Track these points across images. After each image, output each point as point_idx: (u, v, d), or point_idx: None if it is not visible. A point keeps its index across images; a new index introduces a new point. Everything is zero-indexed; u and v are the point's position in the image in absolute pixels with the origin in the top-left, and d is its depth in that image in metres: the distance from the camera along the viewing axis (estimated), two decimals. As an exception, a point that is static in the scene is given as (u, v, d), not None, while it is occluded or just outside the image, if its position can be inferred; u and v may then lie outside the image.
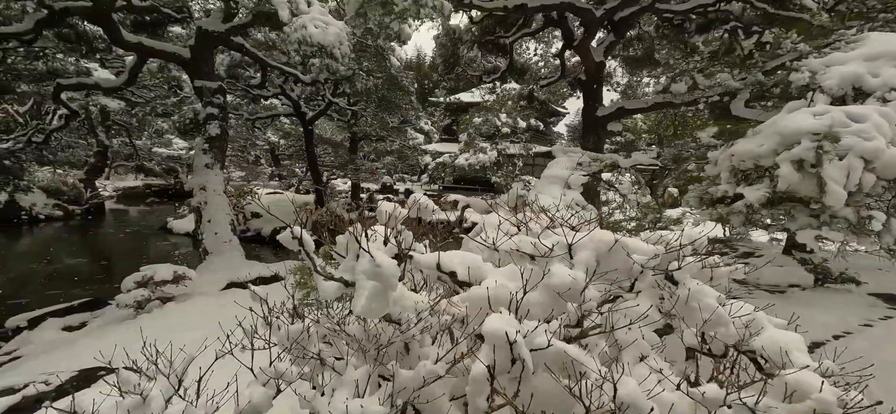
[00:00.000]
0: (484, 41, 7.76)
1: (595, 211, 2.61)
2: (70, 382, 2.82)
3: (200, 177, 7.39)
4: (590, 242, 1.11)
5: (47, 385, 2.74)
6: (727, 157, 2.59)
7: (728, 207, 2.54)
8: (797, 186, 2.17)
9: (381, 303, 1.22)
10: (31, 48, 7.39)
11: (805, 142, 2.22)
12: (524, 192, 3.01)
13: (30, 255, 10.52)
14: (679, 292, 1.11)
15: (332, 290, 1.41)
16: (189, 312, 4.46)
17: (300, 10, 5.41)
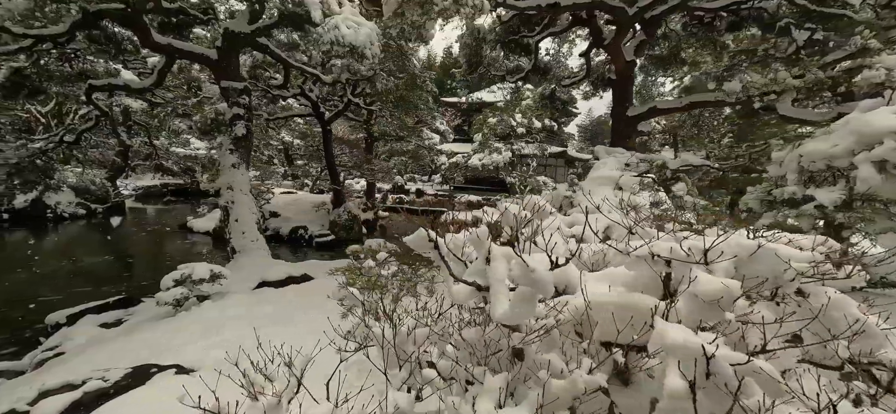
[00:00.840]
0: (507, 41, 7.72)
1: (650, 213, 2.57)
2: (125, 379, 2.86)
3: (227, 176, 7.47)
4: (728, 247, 1.08)
5: (105, 381, 2.78)
6: (795, 158, 2.52)
7: (796, 209, 2.47)
8: (879, 188, 2.11)
9: (527, 309, 1.18)
10: (63, 50, 7.53)
11: (888, 142, 2.14)
12: (570, 194, 2.97)
13: (57, 252, 10.73)
14: (812, 302, 1.07)
15: (464, 293, 1.39)
16: (227, 310, 4.50)
17: (332, 10, 5.43)
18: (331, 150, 13.22)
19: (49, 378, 3.09)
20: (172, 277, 4.63)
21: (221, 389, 2.89)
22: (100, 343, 4.25)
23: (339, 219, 13.16)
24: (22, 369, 4.52)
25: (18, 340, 5.46)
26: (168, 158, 22.29)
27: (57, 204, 14.02)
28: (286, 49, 9.83)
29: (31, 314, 6.25)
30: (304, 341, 3.61)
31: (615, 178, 2.79)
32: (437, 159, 17.43)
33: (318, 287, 5.47)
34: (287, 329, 3.90)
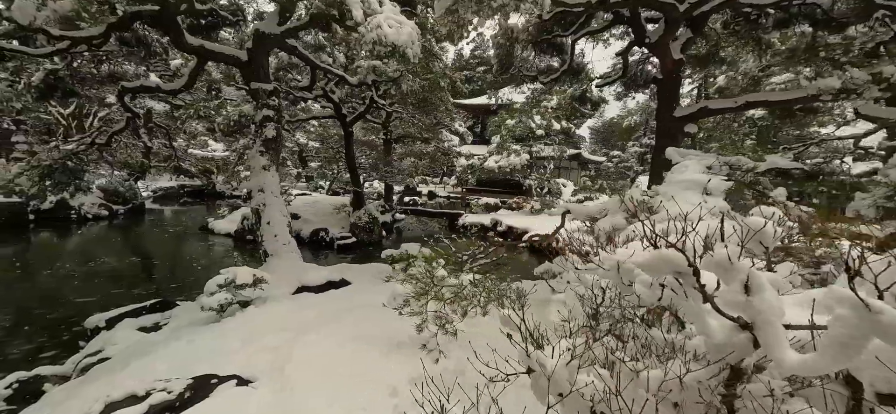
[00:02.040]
0: (539, 41, 7.56)
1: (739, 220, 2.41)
2: (187, 390, 2.76)
3: (258, 178, 7.41)
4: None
5: (169, 393, 2.68)
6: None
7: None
8: None
9: (845, 355, 0.87)
10: (95, 52, 7.53)
11: None
12: (646, 198, 2.82)
13: (84, 253, 10.78)
14: None
15: (724, 332, 1.09)
16: (271, 316, 4.40)
17: (373, 9, 5.33)
18: (352, 153, 13.17)
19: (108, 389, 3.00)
20: (216, 281, 4.54)
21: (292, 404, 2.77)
22: (145, 349, 4.17)
23: (359, 221, 13.09)
24: (65, 374, 4.47)
25: (57, 342, 5.44)
26: (185, 160, 22.50)
27: (80, 205, 14.15)
28: (312, 51, 9.78)
29: (66, 316, 6.23)
30: (356, 350, 3.50)
31: (702, 182, 2.63)
32: (457, 161, 17.29)
33: (357, 292, 5.36)
34: (336, 338, 3.79)
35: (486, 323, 3.01)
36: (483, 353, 3.16)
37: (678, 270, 1.12)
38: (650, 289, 1.22)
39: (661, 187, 2.87)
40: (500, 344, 3.26)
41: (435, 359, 2.52)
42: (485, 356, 3.10)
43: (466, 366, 2.98)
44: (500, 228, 15.26)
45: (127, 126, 7.90)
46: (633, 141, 33.38)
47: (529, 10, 3.70)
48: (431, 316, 2.64)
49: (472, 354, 3.04)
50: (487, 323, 3.06)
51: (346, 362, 3.30)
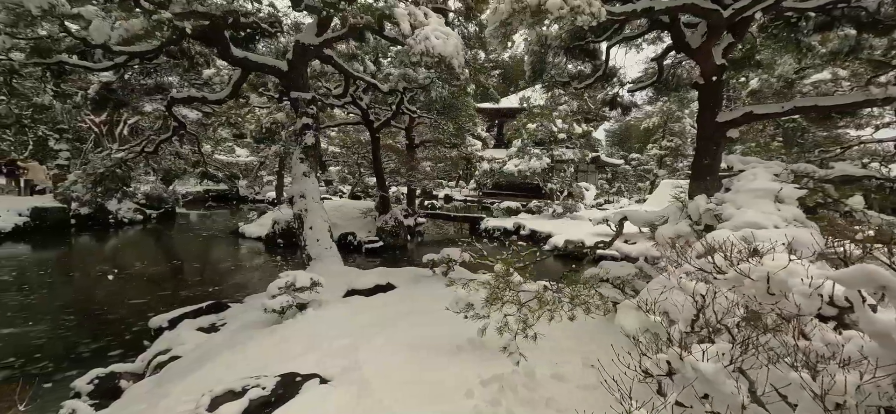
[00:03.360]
0: (572, 47, 7.65)
1: (816, 229, 2.46)
2: (278, 387, 2.93)
3: (299, 185, 7.65)
4: None
5: (263, 389, 2.86)
6: None
7: None
8: None
9: None
10: (144, 65, 7.89)
11: None
12: (712, 206, 2.89)
13: (127, 256, 11.23)
14: None
15: None
16: (329, 319, 4.59)
17: (420, 21, 5.51)
18: (379, 158, 13.41)
19: (201, 385, 3.21)
20: (277, 284, 4.75)
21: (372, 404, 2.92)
22: (215, 349, 4.39)
23: (385, 225, 13.30)
24: (136, 371, 4.73)
25: (122, 341, 5.74)
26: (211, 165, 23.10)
27: (117, 210, 14.69)
28: (345, 60, 10.03)
29: (124, 316, 6.55)
30: (423, 352, 3.63)
31: (773, 190, 2.69)
32: (480, 165, 17.42)
33: (405, 296, 5.52)
34: (400, 340, 3.94)
35: (561, 328, 3.11)
36: (566, 356, 3.26)
37: (883, 284, 1.19)
38: (809, 299, 1.33)
39: (728, 195, 2.94)
40: (583, 349, 3.36)
41: (516, 362, 2.63)
42: (560, 358, 3.19)
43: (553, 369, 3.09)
44: (524, 232, 15.33)
45: (173, 134, 8.24)
46: (651, 143, 33.08)
47: (586, 21, 3.80)
48: (512, 319, 2.76)
49: (554, 358, 3.16)
50: (562, 328, 3.16)
51: (416, 364, 3.45)
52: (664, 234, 3.13)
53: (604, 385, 3.12)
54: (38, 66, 6.36)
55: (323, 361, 3.55)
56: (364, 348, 3.73)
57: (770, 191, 2.73)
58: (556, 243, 13.17)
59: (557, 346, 3.44)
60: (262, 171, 26.04)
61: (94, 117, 17.30)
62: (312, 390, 2.98)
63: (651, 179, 30.14)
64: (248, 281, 9.26)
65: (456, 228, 18.81)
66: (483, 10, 7.96)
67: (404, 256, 12.89)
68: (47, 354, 5.19)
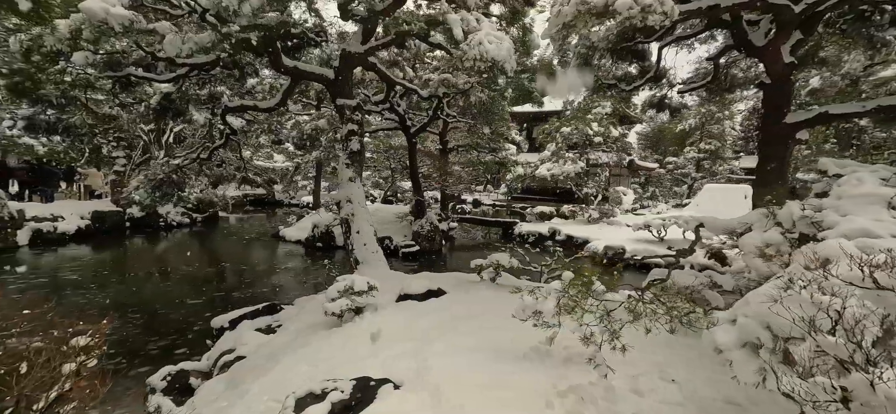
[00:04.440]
0: (619, 48, 7.47)
1: None
2: (356, 391, 2.97)
3: (346, 190, 7.81)
4: None
5: (342, 392, 2.90)
6: None
7: None
8: None
9: None
10: (200, 76, 8.27)
11: None
12: (809, 213, 2.72)
13: (179, 258, 11.77)
14: None
15: None
16: (387, 323, 4.62)
17: (472, 27, 5.52)
18: (415, 163, 13.53)
19: (276, 387, 3.29)
20: (336, 288, 4.84)
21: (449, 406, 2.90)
22: (278, 350, 4.50)
23: (421, 230, 13.38)
24: (203, 369, 4.91)
25: (185, 340, 6.00)
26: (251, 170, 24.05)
27: (167, 213, 15.44)
28: (386, 66, 10.20)
29: (184, 316, 6.85)
30: (491, 359, 3.59)
31: (886, 196, 2.50)
32: (515, 170, 17.29)
33: (458, 301, 5.49)
34: (465, 346, 3.91)
35: (631, 339, 3.00)
36: (640, 369, 3.14)
37: None
38: None
39: (828, 202, 2.75)
40: (656, 362, 3.22)
41: (603, 374, 2.55)
42: (635, 371, 3.06)
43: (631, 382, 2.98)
44: (559, 238, 15.06)
45: (225, 142, 8.60)
46: (688, 146, 31.89)
47: (657, 21, 3.69)
48: (596, 330, 2.69)
49: (628, 371, 3.06)
50: (632, 339, 3.04)
51: (484, 371, 3.41)
52: (751, 243, 2.97)
53: (691, 402, 2.99)
54: (109, 78, 6.78)
55: (390, 365, 3.57)
56: (428, 354, 3.73)
57: (882, 197, 2.53)
58: (595, 249, 12.86)
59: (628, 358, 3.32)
60: (297, 175, 26.83)
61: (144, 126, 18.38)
62: (388, 396, 3.00)
63: (689, 184, 29.03)
64: (293, 283, 9.52)
65: (484, 232, 18.73)
66: (527, 12, 7.90)
67: (440, 260, 12.93)
68: (120, 351, 5.48)
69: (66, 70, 5.89)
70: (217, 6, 4.87)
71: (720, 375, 2.99)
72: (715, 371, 3.01)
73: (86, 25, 4.71)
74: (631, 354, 2.62)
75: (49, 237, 11.82)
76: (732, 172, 29.83)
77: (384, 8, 7.18)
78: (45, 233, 11.74)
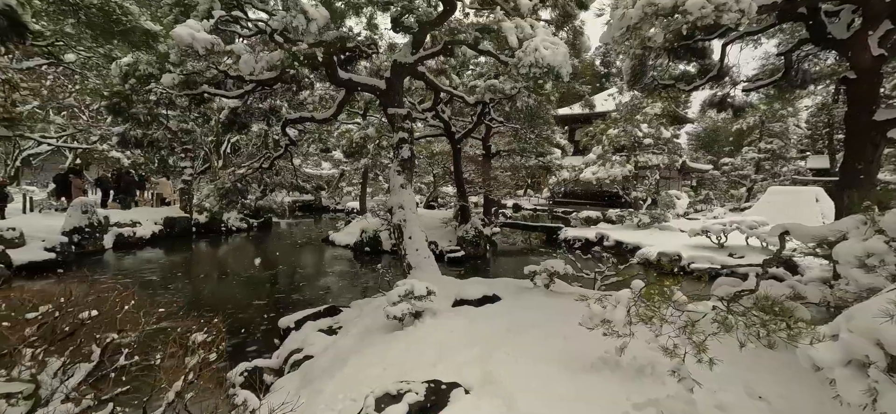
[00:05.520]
0: (678, 47, 7.17)
1: None
2: (429, 394, 3.06)
3: (397, 196, 8.02)
4: None
5: (417, 394, 3.01)
6: None
7: None
8: None
9: None
10: (264, 91, 8.82)
11: None
12: None
13: (239, 261, 12.57)
14: None
15: None
16: (448, 328, 4.71)
17: (527, 34, 5.53)
18: (460, 168, 13.64)
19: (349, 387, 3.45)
20: (397, 292, 5.00)
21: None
22: (345, 351, 4.70)
23: (466, 235, 13.45)
24: (274, 367, 5.24)
25: (255, 338, 6.40)
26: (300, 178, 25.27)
27: (228, 219, 16.54)
28: (433, 75, 10.39)
29: (251, 316, 7.30)
30: (560, 367, 3.54)
31: None
32: (559, 173, 16.99)
33: (517, 307, 5.49)
34: (531, 354, 3.91)
35: (735, 357, 2.85)
36: (723, 383, 2.98)
37: None
38: None
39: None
40: (741, 377, 3.06)
41: (689, 387, 2.47)
42: (718, 386, 2.88)
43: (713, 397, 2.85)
44: (608, 243, 14.58)
45: (285, 151, 9.13)
46: (746, 146, 29.84)
47: (732, 19, 3.53)
48: (679, 341, 2.61)
49: (711, 385, 2.93)
50: (713, 352, 2.91)
51: (554, 380, 3.40)
52: (849, 252, 2.77)
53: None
54: (186, 96, 7.42)
55: (458, 370, 3.64)
56: (494, 360, 3.77)
57: None
58: (647, 255, 12.35)
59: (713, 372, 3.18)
60: (342, 182, 27.83)
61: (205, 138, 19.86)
62: (461, 400, 3.06)
63: (748, 186, 27.13)
64: (345, 286, 9.88)
65: (524, 237, 18.49)
66: (578, 15, 7.79)
67: (485, 265, 12.92)
68: (199, 347, 5.93)
69: (152, 90, 6.50)
70: (287, 26, 5.21)
71: (818, 394, 2.80)
72: (811, 390, 2.82)
73: (173, 50, 5.20)
74: (716, 368, 2.52)
75: (129, 241, 13.03)
76: (798, 173, 27.54)
77: (434, 19, 7.36)
78: (126, 237, 12.95)
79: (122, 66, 5.32)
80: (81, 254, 11.23)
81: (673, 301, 2.62)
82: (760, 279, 3.23)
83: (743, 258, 10.69)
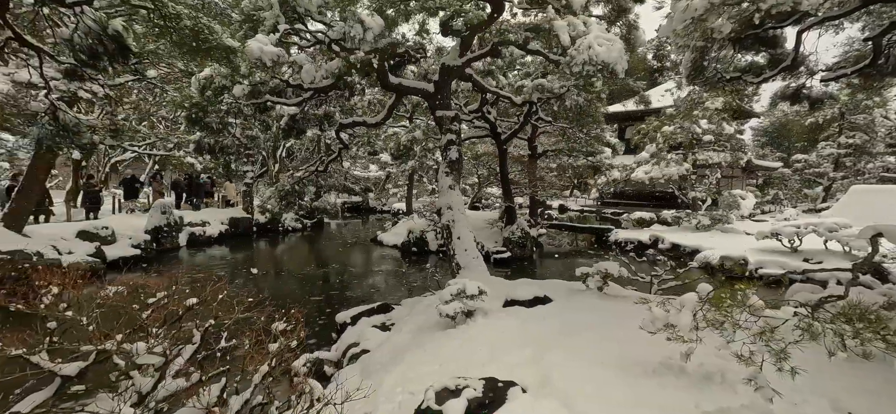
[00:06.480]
0: (743, 37, 6.68)
1: None
2: (487, 390, 3.11)
3: (446, 197, 8.14)
4: None
5: (475, 390, 3.07)
6: None
7: None
8: None
9: None
10: (319, 98, 9.28)
11: None
12: None
13: (296, 259, 13.33)
14: None
15: None
16: (501, 328, 4.74)
17: (580, 31, 5.43)
18: (506, 169, 13.57)
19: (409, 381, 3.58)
20: (449, 291, 5.10)
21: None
22: (400, 347, 4.87)
23: (512, 236, 13.34)
24: (333, 359, 5.52)
25: (314, 333, 6.76)
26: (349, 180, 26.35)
27: (284, 219, 17.58)
28: (481, 76, 10.45)
29: (310, 312, 7.72)
30: (618, 371, 3.44)
31: None
32: (610, 173, 16.41)
33: (568, 309, 5.40)
34: (586, 356, 3.84)
35: (819, 367, 2.65)
36: (804, 395, 2.76)
37: None
38: None
39: None
40: (826, 389, 2.80)
41: (768, 397, 2.33)
42: (798, 398, 2.65)
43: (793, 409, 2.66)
44: (663, 246, 13.86)
45: (338, 156, 9.57)
46: (823, 141, 27.08)
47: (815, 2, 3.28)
48: (757, 348, 2.48)
49: (790, 398, 2.74)
50: (820, 367, 2.70)
51: (613, 384, 3.32)
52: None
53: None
54: (252, 105, 8.01)
55: (513, 369, 3.66)
56: (549, 361, 3.74)
57: None
58: (708, 259, 11.60)
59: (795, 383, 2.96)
60: (388, 184, 28.60)
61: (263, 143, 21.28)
62: (519, 399, 3.09)
63: (825, 185, 24.61)
64: (394, 284, 10.18)
65: (571, 239, 17.97)
66: (632, 8, 7.52)
67: (531, 267, 12.75)
68: (265, 338, 6.38)
69: (223, 101, 7.09)
70: (345, 35, 5.49)
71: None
72: (911, 407, 2.55)
73: (244, 62, 5.66)
74: (799, 378, 2.35)
75: (200, 239, 14.24)
76: (887, 171, 24.53)
77: (483, 22, 7.40)
78: (197, 235, 14.17)
79: (201, 79, 5.89)
80: (161, 250, 12.44)
81: (748, 305, 2.47)
82: (849, 286, 2.97)
83: (821, 263, 9.74)
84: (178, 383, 1.87)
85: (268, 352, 2.29)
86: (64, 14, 4.98)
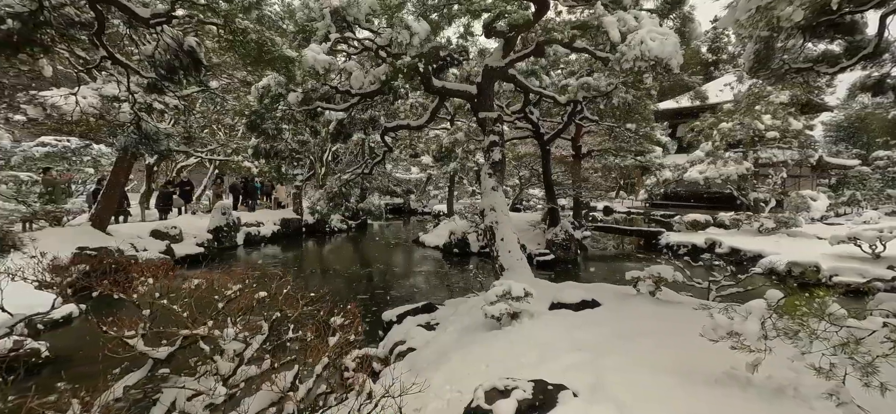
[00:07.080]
0: (817, 24, 6.13)
1: None
2: (536, 393, 3.09)
3: (489, 199, 8.13)
4: None
5: (524, 392, 3.06)
6: None
7: None
8: None
9: None
10: (365, 102, 9.59)
11: None
12: None
13: (342, 259, 13.85)
14: None
15: None
16: (547, 330, 4.68)
17: (630, 27, 5.24)
18: (549, 170, 13.32)
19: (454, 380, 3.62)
20: (495, 292, 5.10)
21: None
22: (446, 346, 4.93)
23: (556, 238, 13.06)
24: (380, 356, 5.66)
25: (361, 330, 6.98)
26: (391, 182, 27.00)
27: (331, 220, 18.29)
28: (524, 76, 10.34)
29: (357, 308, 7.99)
30: (681, 381, 3.26)
31: None
32: (661, 173, 15.65)
33: (617, 314, 5.23)
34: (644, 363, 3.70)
35: None
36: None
37: None
38: None
39: None
40: None
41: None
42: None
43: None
44: (721, 250, 12.97)
45: (383, 159, 9.84)
46: (912, 136, 24.14)
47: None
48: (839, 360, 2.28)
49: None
50: None
51: (675, 394, 3.18)
52: None
53: None
54: (303, 111, 8.43)
55: (563, 373, 3.59)
56: (603, 367, 3.63)
57: None
58: (773, 265, 10.75)
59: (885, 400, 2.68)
60: (429, 186, 28.93)
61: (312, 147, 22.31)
62: (570, 403, 3.03)
63: (914, 184, 21.88)
64: (436, 284, 10.30)
65: (617, 241, 17.25)
66: (686, 0, 7.14)
67: (576, 270, 12.41)
68: (316, 333, 6.69)
69: (278, 108, 7.53)
70: (392, 41, 5.66)
71: None
72: None
73: (298, 71, 5.99)
74: (890, 394, 2.14)
75: (255, 239, 15.17)
76: None
77: (526, 21, 7.33)
78: (253, 235, 15.11)
79: (259, 88, 6.32)
80: (221, 249, 13.38)
81: (828, 314, 2.28)
82: None
83: None
84: (252, 370, 2.04)
85: (328, 345, 2.41)
86: (144, 33, 5.53)
